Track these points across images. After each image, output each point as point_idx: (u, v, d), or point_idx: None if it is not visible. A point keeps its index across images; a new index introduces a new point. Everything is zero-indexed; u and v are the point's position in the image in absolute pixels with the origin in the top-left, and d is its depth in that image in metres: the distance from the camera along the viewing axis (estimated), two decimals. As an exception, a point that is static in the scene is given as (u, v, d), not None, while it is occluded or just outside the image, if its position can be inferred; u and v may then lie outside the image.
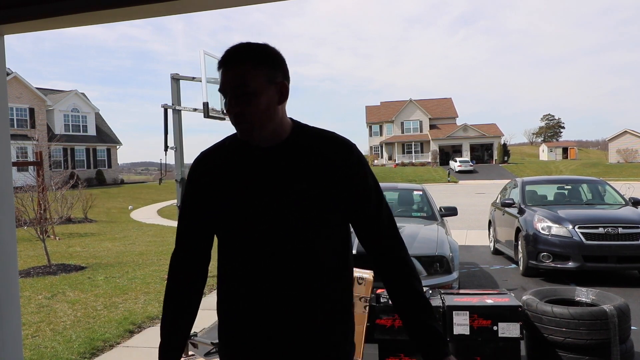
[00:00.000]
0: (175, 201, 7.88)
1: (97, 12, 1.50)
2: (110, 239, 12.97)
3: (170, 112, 7.64)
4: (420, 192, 7.19)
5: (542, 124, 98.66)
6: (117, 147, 42.73)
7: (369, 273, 3.53)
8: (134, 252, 10.43)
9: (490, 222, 10.02)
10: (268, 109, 1.34)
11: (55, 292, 6.82)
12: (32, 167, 15.75)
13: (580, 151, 73.23)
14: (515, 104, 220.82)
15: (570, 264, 6.79)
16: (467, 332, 3.53)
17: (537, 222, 7.21)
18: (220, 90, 1.35)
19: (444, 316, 3.57)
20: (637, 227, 6.73)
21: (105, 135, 41.96)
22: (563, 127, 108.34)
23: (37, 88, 36.43)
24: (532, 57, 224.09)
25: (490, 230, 9.94)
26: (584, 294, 4.06)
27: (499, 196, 9.84)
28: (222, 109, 7.51)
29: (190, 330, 1.50)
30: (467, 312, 3.54)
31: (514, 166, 52.87)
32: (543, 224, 7.12)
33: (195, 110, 7.47)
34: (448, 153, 59.06)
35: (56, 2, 1.49)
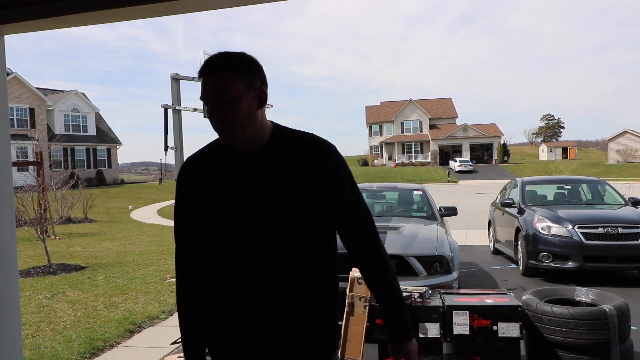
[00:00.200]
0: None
1: (97, 12, 1.50)
2: (110, 239, 12.97)
3: (170, 112, 7.65)
4: (420, 192, 7.18)
5: (542, 124, 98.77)
6: (117, 147, 42.73)
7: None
8: (134, 252, 10.43)
9: (490, 222, 10.02)
10: (248, 114, 1.41)
11: (55, 292, 6.82)
12: (32, 167, 15.75)
13: (580, 151, 73.25)
14: (515, 104, 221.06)
15: (570, 264, 6.79)
16: (467, 332, 3.53)
17: (537, 222, 7.21)
18: (201, 99, 1.42)
19: (444, 316, 3.57)
20: (637, 227, 6.73)
21: (105, 135, 41.97)
22: (563, 127, 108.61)
23: (37, 88, 36.43)
24: (532, 57, 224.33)
25: (490, 230, 9.94)
26: (583, 294, 4.06)
27: (499, 196, 9.84)
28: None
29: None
30: (467, 312, 3.54)
31: (514, 166, 52.87)
32: (543, 224, 7.12)
33: (195, 110, 7.49)
34: (448, 153, 59.06)
35: (56, 2, 1.50)
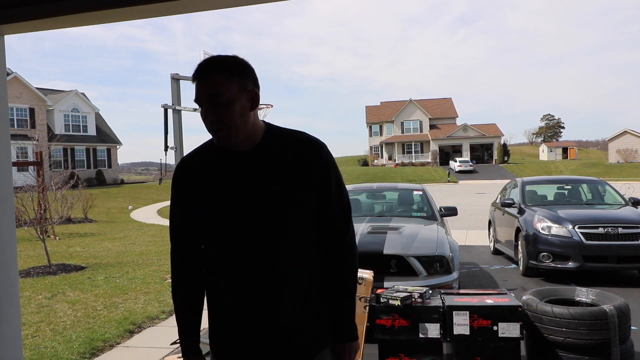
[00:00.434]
0: (175, 201, 7.89)
1: (97, 12, 1.50)
2: (110, 239, 12.97)
3: (170, 112, 7.64)
4: (420, 192, 7.18)
5: (542, 124, 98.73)
6: (117, 147, 42.73)
7: (369, 273, 3.53)
8: (134, 252, 10.43)
9: (490, 222, 10.02)
10: (242, 116, 1.45)
11: (55, 292, 6.82)
12: (32, 167, 15.75)
13: (580, 151, 73.25)
14: (515, 104, 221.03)
15: (570, 264, 6.79)
16: (467, 332, 3.53)
17: (537, 222, 7.21)
18: (195, 101, 1.46)
19: (444, 316, 3.57)
20: (637, 227, 6.73)
21: (105, 135, 41.97)
22: (563, 127, 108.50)
23: (37, 88, 36.42)
24: (532, 57, 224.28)
25: (490, 230, 9.94)
26: (584, 294, 4.06)
27: (499, 196, 9.84)
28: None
29: (201, 315, 1.61)
30: (467, 312, 3.54)
31: (514, 166, 52.87)
32: (543, 224, 7.12)
33: (195, 110, 7.47)
34: (448, 153, 59.05)
35: (56, 2, 1.50)
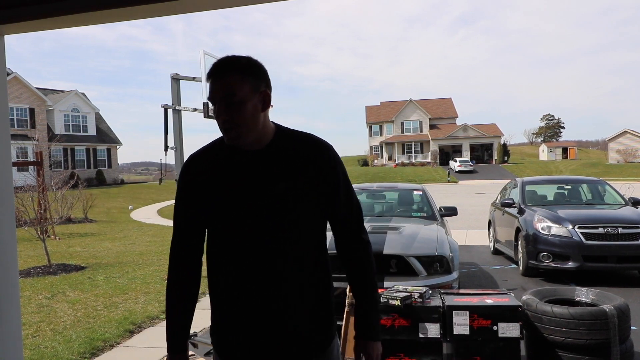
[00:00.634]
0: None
1: (97, 12, 1.50)
2: (110, 239, 12.97)
3: (170, 112, 7.63)
4: (420, 192, 7.18)
5: (542, 124, 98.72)
6: (117, 147, 42.72)
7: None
8: (134, 252, 10.44)
9: (490, 222, 10.02)
10: (253, 116, 1.47)
11: (55, 292, 6.82)
12: (32, 167, 15.75)
13: (580, 151, 73.23)
14: (515, 104, 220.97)
15: (570, 264, 6.79)
16: (467, 332, 3.53)
17: (537, 222, 7.21)
18: (209, 99, 1.48)
19: (444, 316, 3.57)
20: (637, 227, 6.73)
21: (105, 135, 41.96)
22: (563, 127, 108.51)
23: (37, 88, 36.42)
24: (532, 57, 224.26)
25: (490, 230, 9.94)
26: (583, 294, 4.06)
27: (499, 196, 9.84)
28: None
29: (193, 315, 1.62)
30: (467, 312, 3.54)
31: (514, 166, 52.85)
32: (543, 224, 7.12)
33: (195, 110, 7.47)
34: (448, 153, 59.04)
35: (56, 2, 1.50)
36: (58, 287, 7.08)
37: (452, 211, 6.79)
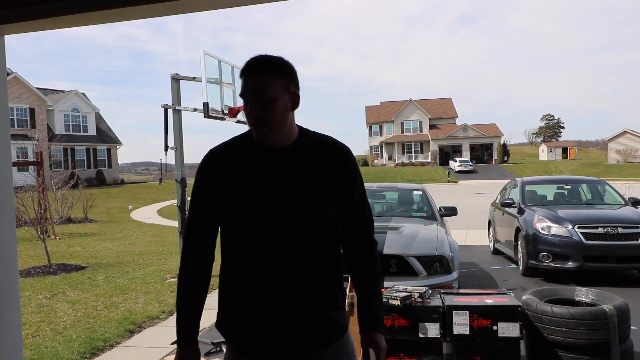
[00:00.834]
0: (176, 201, 7.87)
1: (97, 12, 1.50)
2: (111, 239, 12.97)
3: (170, 112, 7.63)
4: (420, 192, 7.18)
5: (542, 124, 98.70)
6: (117, 147, 42.72)
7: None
8: (134, 252, 10.44)
9: (490, 222, 10.02)
10: (283, 115, 1.53)
11: (55, 292, 6.82)
12: (32, 167, 15.76)
13: (580, 151, 73.22)
14: (515, 104, 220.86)
15: (570, 264, 6.79)
16: (467, 332, 3.53)
17: (536, 222, 7.21)
18: (241, 95, 1.53)
19: (444, 316, 3.57)
20: (637, 227, 6.73)
21: (105, 135, 41.96)
22: (563, 127, 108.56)
23: (37, 88, 36.40)
24: (532, 57, 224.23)
25: (490, 230, 9.94)
26: (583, 293, 4.06)
27: (499, 196, 9.84)
28: (222, 109, 7.51)
29: (202, 310, 1.64)
30: (467, 312, 3.54)
31: (514, 166, 52.85)
32: (543, 224, 7.12)
33: (195, 110, 7.47)
34: (448, 153, 59.04)
35: (56, 2, 1.50)
36: (58, 287, 7.08)
37: (452, 211, 6.80)
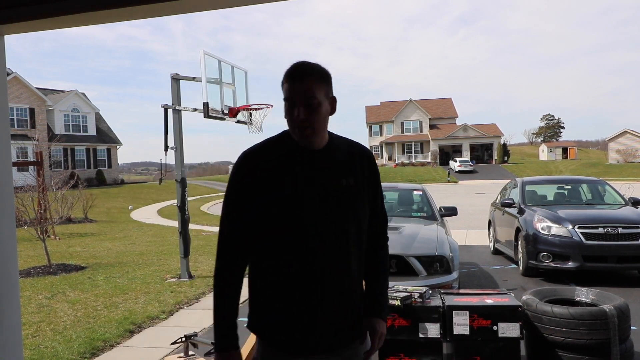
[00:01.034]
0: (176, 201, 7.86)
1: (97, 12, 1.50)
2: (111, 239, 12.97)
3: (170, 112, 7.63)
4: (420, 192, 7.18)
5: (542, 124, 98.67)
6: (117, 147, 42.71)
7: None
8: (134, 252, 10.44)
9: (490, 222, 10.02)
10: (325, 119, 1.65)
11: (55, 292, 6.82)
12: (32, 167, 15.76)
13: (580, 151, 73.23)
14: (515, 104, 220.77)
15: (570, 264, 6.79)
16: (467, 332, 3.53)
17: (537, 222, 7.21)
18: (286, 99, 1.61)
19: (444, 316, 3.57)
20: (637, 227, 6.73)
21: (105, 135, 41.95)
22: (563, 127, 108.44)
23: (37, 88, 36.39)
24: (532, 57, 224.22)
25: (490, 230, 9.94)
26: (583, 294, 4.06)
27: (499, 196, 9.84)
28: (222, 109, 7.50)
29: (238, 313, 1.67)
30: (467, 312, 3.54)
31: (514, 166, 52.87)
32: (543, 224, 7.12)
33: (195, 110, 7.47)
34: (448, 153, 59.04)
35: (56, 2, 1.50)
36: (58, 287, 7.08)
37: (452, 211, 6.80)
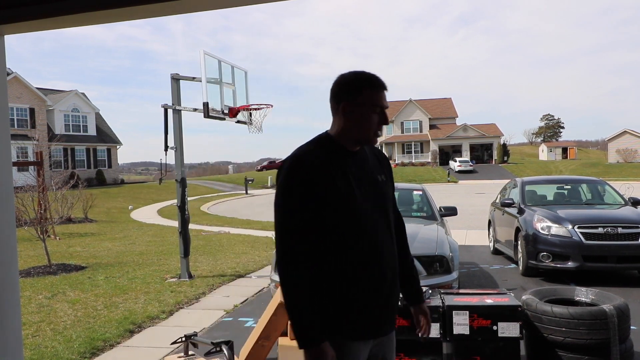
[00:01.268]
0: (176, 201, 7.86)
1: (97, 12, 1.50)
2: (111, 239, 12.97)
3: (170, 112, 7.63)
4: (420, 192, 7.18)
5: (542, 124, 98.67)
6: (117, 147, 42.71)
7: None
8: (134, 252, 10.44)
9: (490, 222, 10.02)
10: None
11: (55, 291, 6.82)
12: (32, 167, 15.76)
13: (579, 151, 73.23)
14: (515, 104, 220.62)
15: (570, 264, 6.79)
16: (467, 332, 3.53)
17: (536, 222, 7.21)
18: (374, 105, 1.77)
19: (444, 316, 3.57)
20: (637, 227, 6.73)
21: (105, 135, 41.95)
22: (563, 127, 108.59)
23: (37, 88, 36.39)
24: (532, 57, 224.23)
25: (490, 230, 9.94)
26: (583, 293, 4.06)
27: (499, 196, 9.84)
28: (221, 109, 7.50)
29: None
30: (467, 312, 3.54)
31: (514, 166, 52.86)
32: (543, 224, 7.12)
33: (195, 110, 7.47)
34: (448, 153, 59.04)
35: (56, 2, 1.50)
36: (58, 287, 7.08)
37: (452, 211, 6.80)
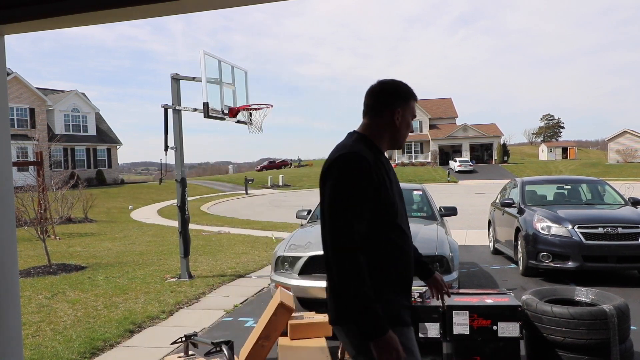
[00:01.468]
0: (176, 201, 7.86)
1: (97, 12, 1.50)
2: (111, 239, 12.97)
3: (170, 112, 7.64)
4: (420, 192, 7.18)
5: (542, 124, 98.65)
6: (117, 147, 42.71)
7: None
8: (134, 252, 10.44)
9: (490, 222, 10.02)
10: None
11: (55, 291, 6.82)
12: (32, 167, 15.76)
13: (579, 151, 73.21)
14: (515, 104, 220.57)
15: (570, 264, 6.79)
16: (467, 332, 3.53)
17: (536, 222, 7.21)
18: (415, 116, 2.13)
19: (444, 316, 3.57)
20: (637, 227, 6.72)
21: (105, 135, 41.95)
22: (563, 127, 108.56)
23: (37, 88, 36.40)
24: (532, 57, 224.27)
25: (490, 230, 9.94)
26: (583, 293, 4.06)
27: (499, 196, 9.84)
28: (221, 109, 7.50)
29: None
30: (467, 312, 3.54)
31: (514, 166, 52.86)
32: (543, 224, 7.12)
33: (195, 110, 7.47)
34: (448, 153, 59.04)
35: (56, 2, 1.50)
36: (58, 287, 7.08)
37: (452, 211, 6.79)
